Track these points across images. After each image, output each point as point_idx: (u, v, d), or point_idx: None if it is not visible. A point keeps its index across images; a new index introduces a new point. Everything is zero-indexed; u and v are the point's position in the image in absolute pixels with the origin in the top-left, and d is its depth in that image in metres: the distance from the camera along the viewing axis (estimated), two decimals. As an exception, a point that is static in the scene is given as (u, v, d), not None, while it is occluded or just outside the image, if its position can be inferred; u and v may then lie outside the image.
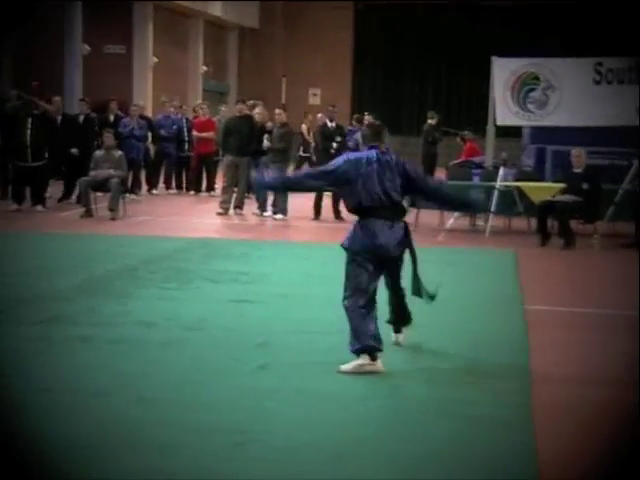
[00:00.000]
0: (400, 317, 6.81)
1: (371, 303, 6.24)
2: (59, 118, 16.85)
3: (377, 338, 6.15)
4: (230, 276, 9.72)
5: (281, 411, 5.33)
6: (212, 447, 4.73)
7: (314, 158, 17.41)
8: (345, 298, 6.26)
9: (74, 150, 16.45)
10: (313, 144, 18.59)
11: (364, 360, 6.09)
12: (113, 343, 6.79)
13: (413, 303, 6.79)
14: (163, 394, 5.61)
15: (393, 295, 6.68)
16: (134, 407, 5.34)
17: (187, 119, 20.00)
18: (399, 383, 6.01)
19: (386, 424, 5.22)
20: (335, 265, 7.25)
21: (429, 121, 21.67)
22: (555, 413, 5.46)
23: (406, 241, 6.45)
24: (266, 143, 15.32)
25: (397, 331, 6.87)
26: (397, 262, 6.48)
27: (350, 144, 16.22)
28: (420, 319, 6.94)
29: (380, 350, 6.14)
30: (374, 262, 6.27)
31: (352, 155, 6.53)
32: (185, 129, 19.51)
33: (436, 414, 5.35)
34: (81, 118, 17.18)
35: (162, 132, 19.25)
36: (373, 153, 6.39)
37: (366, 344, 6.09)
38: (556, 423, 5.27)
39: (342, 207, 14.97)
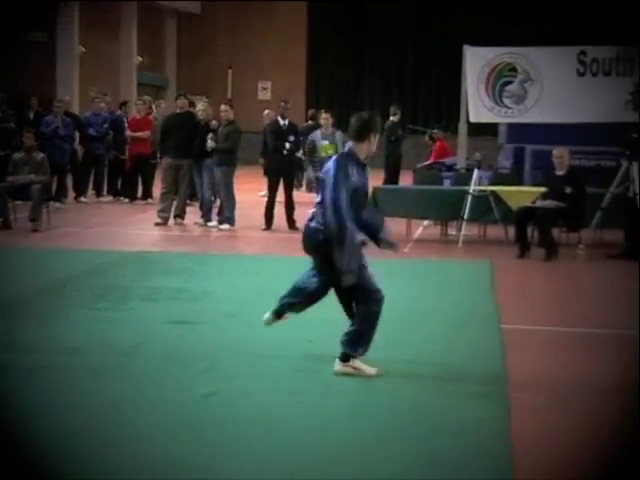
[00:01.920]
0: None
1: None
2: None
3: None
4: (169, 294, 9.72)
5: (228, 445, 5.36)
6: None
7: (261, 161, 17.42)
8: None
9: None
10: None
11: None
12: (33, 372, 6.75)
13: (380, 322, 6.84)
14: (93, 428, 5.59)
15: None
16: (60, 443, 5.32)
17: (118, 117, 20.01)
18: (358, 412, 6.06)
19: (344, 454, 5.26)
20: (289, 280, 7.30)
21: (391, 117, 21.76)
22: (534, 441, 5.55)
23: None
24: (210, 143, 15.34)
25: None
26: None
27: (308, 144, 16.33)
28: (382, 339, 6.99)
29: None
30: None
31: None
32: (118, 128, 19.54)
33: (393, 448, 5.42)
34: None
35: (91, 131, 19.19)
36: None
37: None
38: (536, 452, 5.36)
39: (296, 216, 15.04)
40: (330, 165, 6.82)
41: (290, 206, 15.44)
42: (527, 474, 5.04)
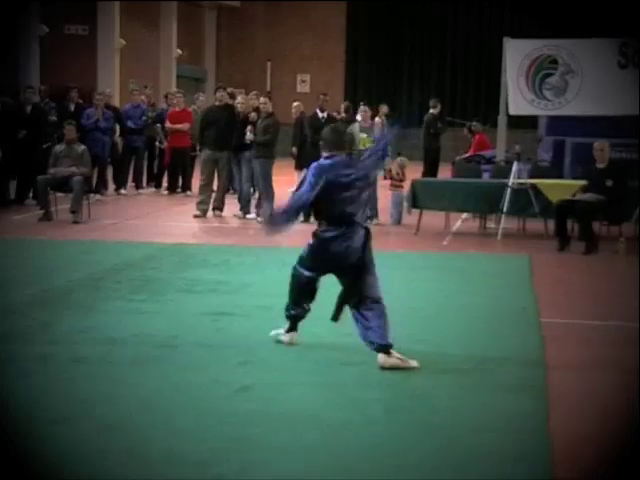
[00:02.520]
0: None
1: None
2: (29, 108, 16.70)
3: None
4: (207, 286, 9.72)
5: (264, 439, 5.33)
6: (186, 480, 4.74)
7: (294, 150, 17.34)
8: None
9: (22, 133, 16.21)
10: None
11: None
12: (74, 363, 6.78)
13: (416, 317, 6.81)
14: (131, 420, 5.60)
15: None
16: (98, 435, 5.33)
17: (163, 109, 20.15)
18: (395, 406, 6.02)
19: (382, 450, 5.22)
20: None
21: (431, 110, 21.63)
22: (573, 437, 5.47)
23: None
24: (249, 136, 15.33)
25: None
26: None
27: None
28: (421, 334, 6.95)
29: None
30: None
31: None
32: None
33: (438, 441, 5.37)
34: (28, 108, 16.89)
35: (130, 124, 19.27)
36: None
37: None
38: (574, 451, 5.29)
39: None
40: (309, 172, 7.13)
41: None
42: (566, 471, 4.96)
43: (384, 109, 22.44)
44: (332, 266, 7.10)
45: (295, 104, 17.68)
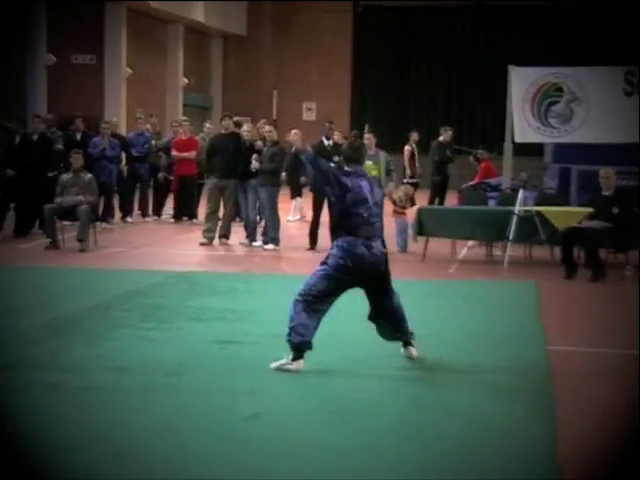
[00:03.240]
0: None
1: None
2: (17, 138, 16.78)
3: None
4: (215, 314, 9.78)
5: (273, 465, 5.38)
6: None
7: (303, 180, 17.36)
8: None
9: (10, 171, 16.24)
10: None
11: None
12: (84, 391, 6.84)
13: (431, 344, 6.83)
14: (142, 447, 5.65)
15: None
16: (110, 462, 5.38)
17: (169, 140, 20.20)
18: (407, 432, 6.06)
19: (392, 477, 5.26)
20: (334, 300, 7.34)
21: (440, 138, 21.54)
22: (581, 467, 5.51)
23: None
24: (255, 164, 15.44)
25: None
26: None
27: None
28: (430, 359, 6.98)
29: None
30: None
31: None
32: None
33: (448, 467, 5.40)
34: (35, 137, 16.96)
35: (133, 152, 19.36)
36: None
37: None
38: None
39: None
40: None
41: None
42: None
43: (414, 136, 21.20)
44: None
45: (293, 132, 16.01)
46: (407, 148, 20.79)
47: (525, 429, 6.14)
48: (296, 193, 20.05)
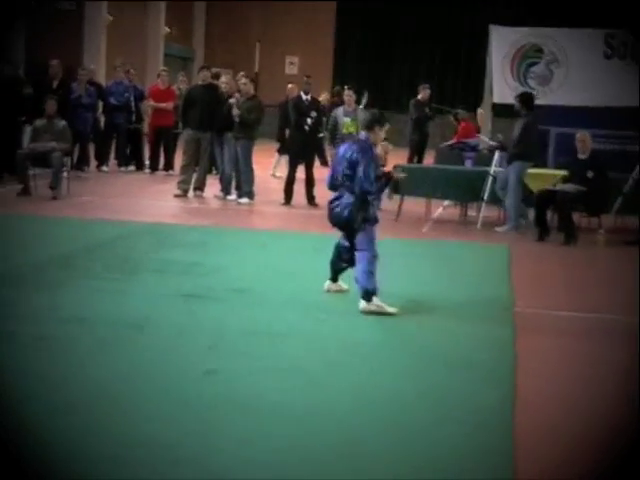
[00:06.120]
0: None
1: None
2: None
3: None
4: (181, 267, 9.62)
5: (224, 425, 5.25)
6: (143, 463, 4.65)
7: (287, 133, 17.20)
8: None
9: None
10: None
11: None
12: (38, 340, 6.68)
13: (390, 299, 6.71)
14: (95, 401, 5.52)
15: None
16: (61, 415, 5.25)
17: (135, 87, 19.88)
18: (362, 397, 5.94)
19: (343, 439, 5.15)
20: (304, 257, 7.23)
21: (419, 96, 21.23)
22: (538, 435, 5.41)
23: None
24: (236, 111, 15.09)
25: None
26: None
27: (330, 120, 16.13)
28: (392, 320, 6.87)
29: None
30: None
31: None
32: (132, 98, 19.40)
33: (401, 433, 5.31)
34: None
35: (112, 100, 19.10)
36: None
37: None
38: (538, 447, 5.23)
39: (316, 192, 14.91)
40: (357, 147, 8.26)
41: (310, 182, 15.31)
42: (527, 470, 4.90)
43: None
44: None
45: (289, 86, 17.48)
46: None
47: (482, 395, 6.03)
48: (285, 149, 19.79)
